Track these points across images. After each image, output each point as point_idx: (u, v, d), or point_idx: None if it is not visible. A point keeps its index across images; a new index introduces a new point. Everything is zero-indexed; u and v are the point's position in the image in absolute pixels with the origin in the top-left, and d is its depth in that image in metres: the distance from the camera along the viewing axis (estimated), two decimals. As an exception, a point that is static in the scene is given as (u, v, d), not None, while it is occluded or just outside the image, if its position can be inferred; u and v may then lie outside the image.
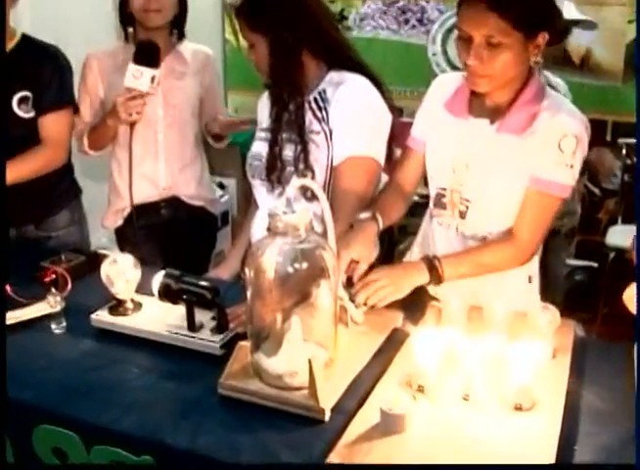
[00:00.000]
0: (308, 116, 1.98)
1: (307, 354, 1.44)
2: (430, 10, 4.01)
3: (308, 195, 1.80)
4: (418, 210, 2.14)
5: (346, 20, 4.15)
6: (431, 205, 1.97)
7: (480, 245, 1.85)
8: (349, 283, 1.71)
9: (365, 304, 1.69)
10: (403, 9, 4.06)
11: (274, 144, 1.99)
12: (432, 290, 1.84)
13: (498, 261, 1.80)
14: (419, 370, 1.46)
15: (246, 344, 1.52)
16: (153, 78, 2.26)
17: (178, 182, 2.66)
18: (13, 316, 1.80)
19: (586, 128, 1.74)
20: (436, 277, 1.74)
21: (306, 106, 1.98)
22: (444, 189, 1.89)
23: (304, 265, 1.43)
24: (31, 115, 2.36)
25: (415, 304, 1.79)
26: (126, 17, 2.51)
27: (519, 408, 1.40)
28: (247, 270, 1.47)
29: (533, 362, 1.41)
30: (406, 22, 4.07)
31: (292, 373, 1.46)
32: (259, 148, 2.08)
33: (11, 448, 1.54)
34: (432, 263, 1.75)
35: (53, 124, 2.37)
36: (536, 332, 1.58)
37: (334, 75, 2.00)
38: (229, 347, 1.60)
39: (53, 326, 1.78)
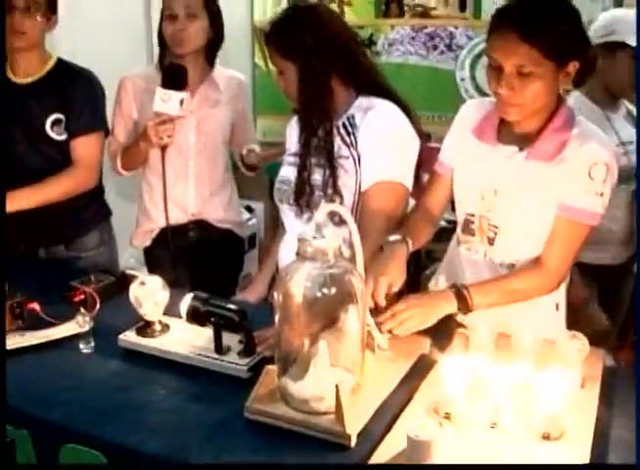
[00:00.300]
0: (337, 141, 1.99)
1: (334, 380, 1.44)
2: (458, 36, 4.03)
3: (336, 220, 1.81)
4: (445, 235, 2.14)
5: (375, 45, 4.17)
6: (458, 230, 1.98)
7: (507, 273, 1.84)
8: (377, 308, 1.71)
9: (390, 331, 1.70)
10: (432, 35, 4.08)
11: (303, 169, 2.01)
12: (459, 317, 1.83)
13: (526, 289, 1.79)
14: (446, 397, 1.46)
15: (273, 368, 1.52)
16: (182, 101, 2.29)
17: (207, 207, 2.68)
18: (42, 335, 1.83)
19: (616, 157, 1.74)
20: (465, 306, 1.73)
21: (335, 131, 2.00)
22: (472, 215, 1.89)
23: (333, 290, 1.43)
24: (64, 137, 2.41)
25: (442, 330, 1.78)
26: (162, 42, 2.55)
27: (547, 437, 1.39)
28: (275, 294, 1.47)
29: (562, 391, 1.39)
30: (435, 47, 4.09)
31: (318, 398, 1.46)
32: (288, 173, 2.09)
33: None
34: (460, 292, 1.74)
35: (84, 147, 2.42)
36: (565, 360, 1.57)
37: (362, 101, 2.02)
38: (256, 370, 1.61)
39: (81, 346, 1.80)
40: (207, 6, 2.51)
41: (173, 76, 2.31)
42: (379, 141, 1.96)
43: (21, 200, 2.29)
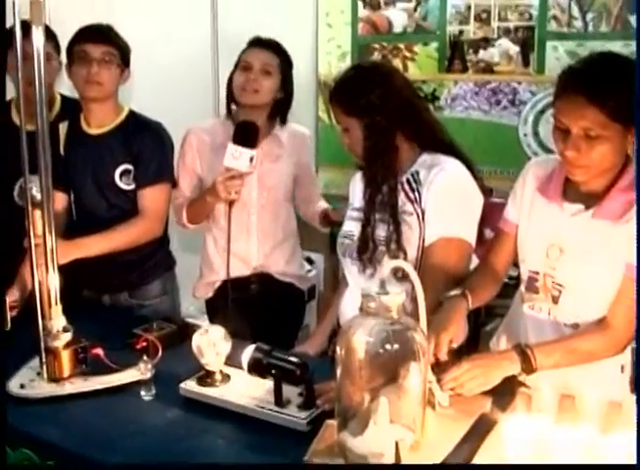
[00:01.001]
0: (401, 197, 2.01)
1: (394, 436, 1.44)
2: (522, 91, 4.04)
3: (399, 275, 1.82)
4: (506, 291, 2.13)
5: (438, 100, 4.21)
6: (522, 288, 1.97)
7: (572, 333, 1.82)
8: (437, 363, 1.71)
9: (453, 389, 1.69)
10: (495, 90, 4.11)
11: (367, 224, 2.03)
12: (521, 376, 1.81)
13: (591, 351, 1.76)
14: (507, 458, 1.44)
15: (333, 422, 1.53)
16: (252, 158, 2.32)
17: (269, 261, 2.72)
18: (105, 381, 1.87)
19: None
20: (529, 367, 1.72)
21: (399, 187, 2.02)
22: (537, 273, 1.88)
23: (395, 347, 1.44)
24: (132, 187, 2.48)
25: (504, 389, 1.76)
26: (230, 93, 2.62)
27: (612, 505, 1.37)
28: (337, 349, 1.48)
29: (627, 455, 1.37)
30: (498, 102, 4.11)
31: (377, 454, 1.45)
32: (351, 227, 2.12)
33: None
34: (524, 353, 1.72)
35: (151, 198, 2.48)
36: (631, 424, 1.53)
37: (426, 157, 2.05)
38: (315, 423, 1.62)
39: (142, 393, 1.83)
40: (282, 67, 2.60)
41: (246, 133, 2.35)
42: (443, 197, 1.97)
43: (88, 247, 2.36)
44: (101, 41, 2.41)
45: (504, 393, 1.76)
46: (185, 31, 3.68)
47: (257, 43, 2.62)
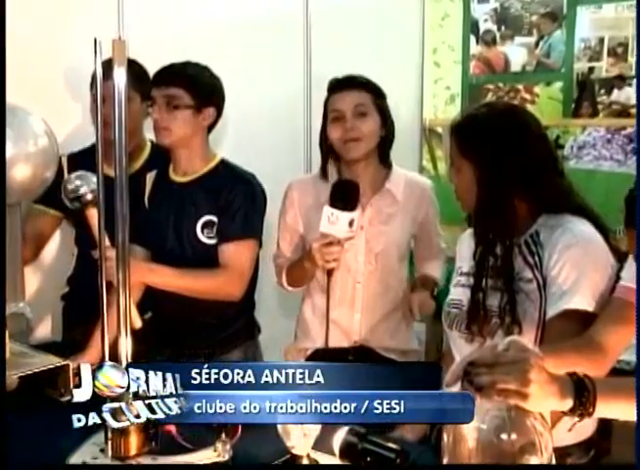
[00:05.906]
0: (518, 261, 1.98)
1: None
2: (662, 138, 3.97)
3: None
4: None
5: (562, 149, 4.16)
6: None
7: None
8: None
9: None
10: (631, 137, 4.03)
11: (477, 290, 2.01)
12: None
13: None
14: None
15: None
16: (351, 222, 2.32)
17: (373, 335, 2.70)
18: (175, 461, 1.87)
19: None
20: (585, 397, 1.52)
21: (516, 250, 1.99)
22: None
23: (512, 437, 1.42)
24: (213, 242, 2.52)
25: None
26: (327, 148, 2.64)
27: None
28: (444, 436, 1.47)
29: None
30: (634, 151, 4.05)
31: None
32: (459, 295, 2.11)
33: None
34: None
35: (232, 254, 2.51)
36: None
37: (549, 216, 2.02)
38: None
39: (218, 476, 1.84)
40: (375, 102, 2.60)
41: (343, 195, 2.35)
42: (568, 263, 1.93)
43: (161, 275, 2.45)
44: (164, 83, 2.46)
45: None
46: (276, 76, 3.73)
47: (340, 86, 2.61)
